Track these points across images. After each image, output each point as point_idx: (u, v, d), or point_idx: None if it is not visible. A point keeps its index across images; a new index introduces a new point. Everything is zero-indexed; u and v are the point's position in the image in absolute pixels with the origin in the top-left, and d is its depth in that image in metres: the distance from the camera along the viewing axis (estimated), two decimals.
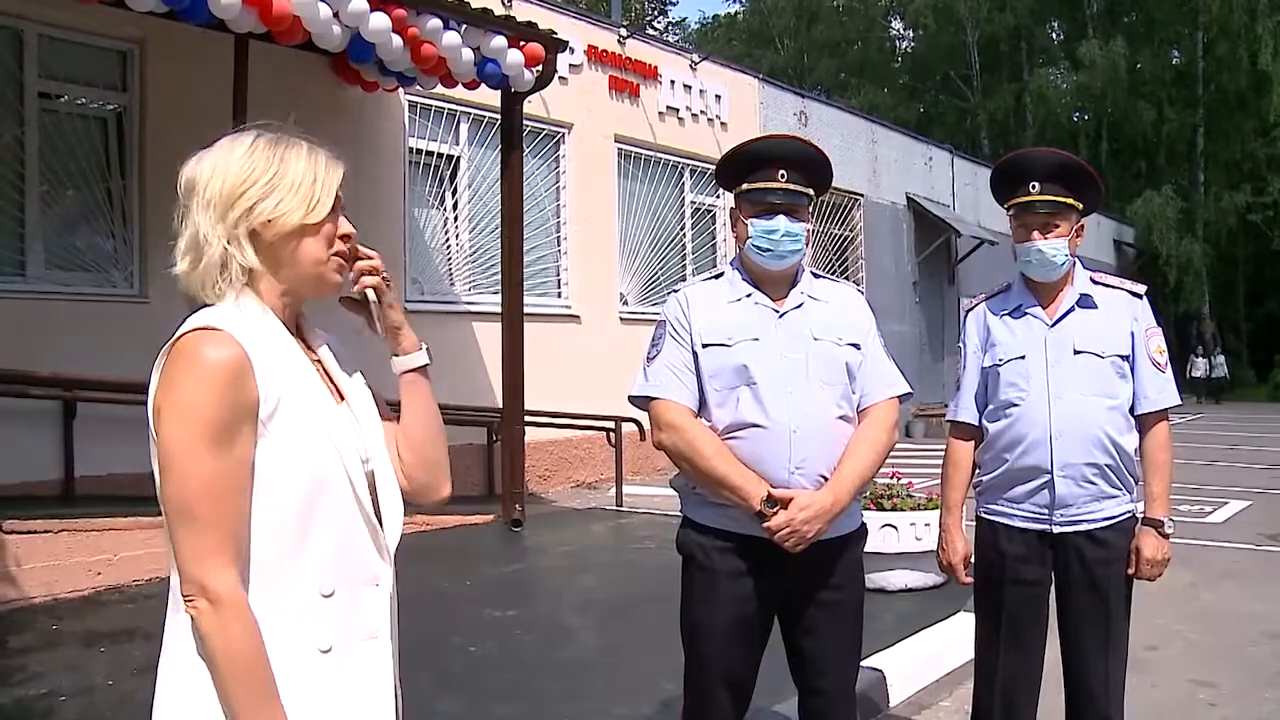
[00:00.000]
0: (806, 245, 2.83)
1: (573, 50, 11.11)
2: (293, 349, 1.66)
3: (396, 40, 7.17)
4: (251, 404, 1.55)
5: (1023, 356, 3.17)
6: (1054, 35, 39.59)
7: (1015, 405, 3.15)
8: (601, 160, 12.45)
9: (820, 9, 41.23)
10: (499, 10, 7.94)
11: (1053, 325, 3.17)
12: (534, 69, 8.25)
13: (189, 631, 1.53)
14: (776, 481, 2.65)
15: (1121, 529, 3.14)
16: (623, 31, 13.05)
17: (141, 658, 4.75)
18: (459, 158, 10.79)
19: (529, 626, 5.58)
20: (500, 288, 8.88)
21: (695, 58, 14.34)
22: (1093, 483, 3.09)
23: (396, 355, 1.82)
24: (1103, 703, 3.13)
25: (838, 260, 17.23)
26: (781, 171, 2.78)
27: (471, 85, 8.33)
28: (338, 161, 1.71)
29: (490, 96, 9.10)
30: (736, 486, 2.65)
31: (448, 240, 10.72)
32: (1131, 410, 3.16)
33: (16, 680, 4.55)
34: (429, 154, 10.46)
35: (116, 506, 6.50)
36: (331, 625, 1.61)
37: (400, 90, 9.59)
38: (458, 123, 10.75)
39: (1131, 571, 3.16)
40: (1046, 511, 3.13)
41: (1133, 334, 3.17)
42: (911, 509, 6.23)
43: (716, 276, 2.93)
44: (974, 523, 3.30)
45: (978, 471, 3.32)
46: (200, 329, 1.56)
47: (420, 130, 10.37)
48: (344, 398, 1.75)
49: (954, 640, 5.14)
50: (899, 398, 2.87)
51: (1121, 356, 3.14)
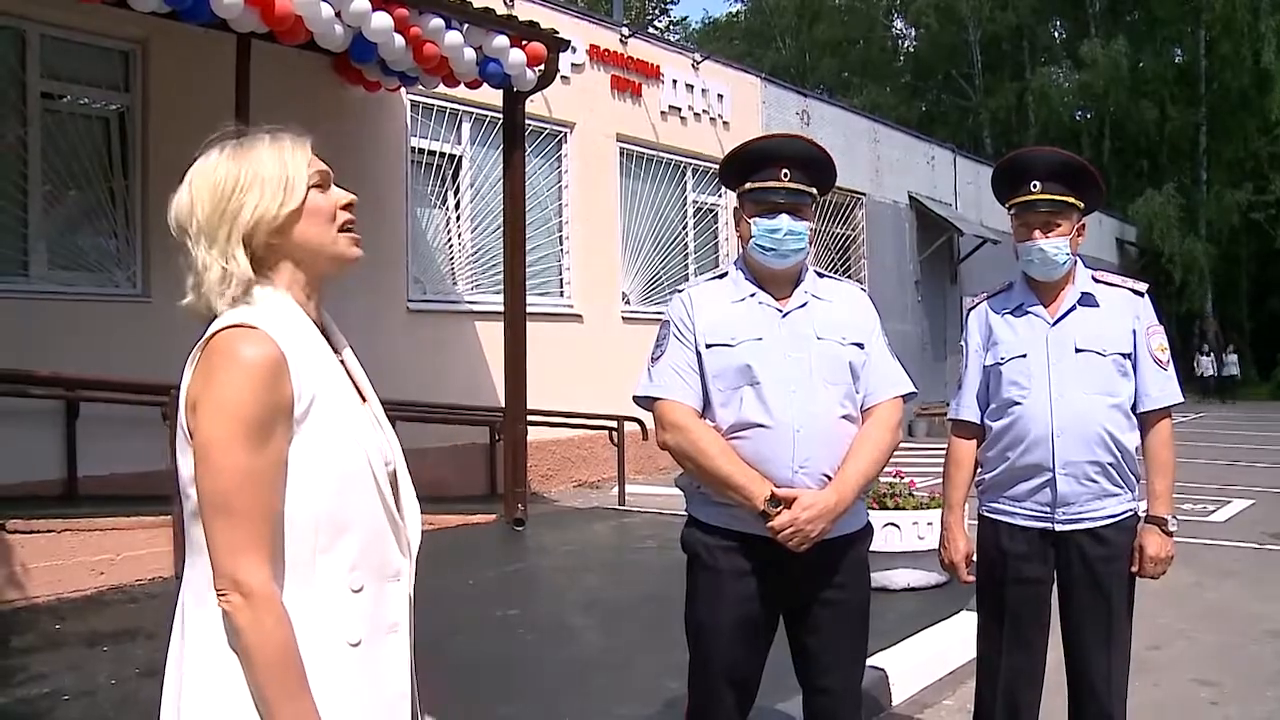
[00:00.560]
0: (810, 244, 2.83)
1: (575, 50, 11.12)
2: (323, 349, 1.68)
3: (399, 40, 7.18)
4: (288, 402, 1.56)
5: (1024, 355, 3.17)
6: (1056, 34, 39.61)
7: (1017, 404, 3.15)
8: (604, 160, 12.45)
9: (822, 8, 41.27)
10: (501, 10, 7.95)
11: (1054, 324, 3.17)
12: (536, 68, 8.25)
13: (216, 625, 1.53)
14: (780, 481, 2.65)
15: (1123, 527, 3.14)
16: (625, 31, 13.05)
17: (144, 657, 4.76)
18: (461, 157, 10.79)
19: (532, 626, 5.59)
20: (502, 287, 8.88)
21: (697, 57, 14.33)
22: (1094, 481, 3.09)
23: None
24: (1105, 701, 3.13)
25: (840, 259, 17.23)
26: (784, 171, 2.78)
27: (474, 85, 8.34)
28: (302, 139, 1.71)
29: (492, 96, 9.11)
30: (740, 486, 2.65)
31: (450, 240, 10.73)
32: (1133, 408, 3.16)
33: (19, 680, 4.56)
34: (431, 153, 10.47)
35: (119, 506, 6.52)
36: (360, 619, 1.63)
37: (402, 90, 9.60)
38: (460, 122, 10.75)
39: (1135, 569, 3.16)
40: (1048, 510, 3.12)
41: (1134, 332, 3.17)
42: (914, 508, 6.23)
43: (720, 276, 2.93)
44: (976, 521, 3.30)
45: (979, 470, 3.31)
46: (236, 326, 1.57)
47: (422, 130, 10.37)
48: (365, 399, 1.77)
49: (956, 639, 5.14)
50: (903, 397, 2.86)
51: (1123, 355, 3.14)
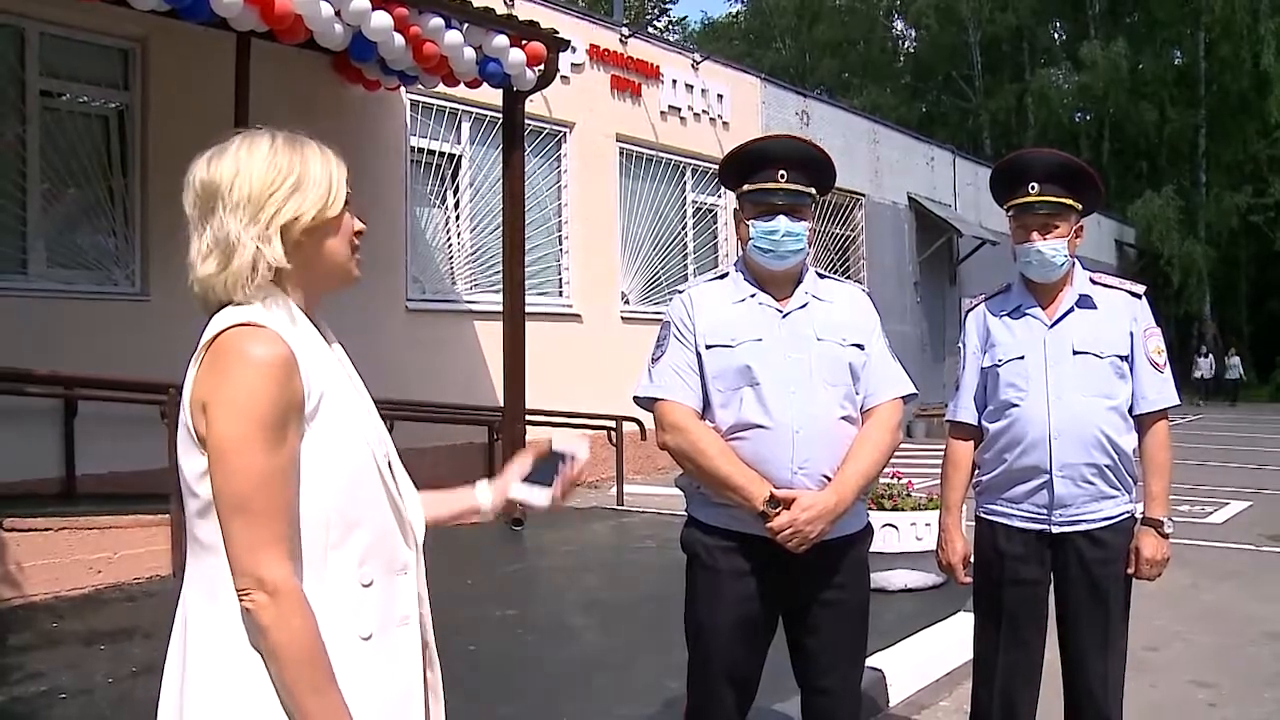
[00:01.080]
0: (809, 245, 2.83)
1: (574, 49, 11.12)
2: (323, 346, 1.69)
3: (398, 39, 7.18)
4: (299, 400, 1.57)
5: (1022, 357, 3.17)
6: (1056, 35, 39.65)
7: (1015, 405, 3.15)
8: (603, 159, 12.45)
9: (822, 9, 41.30)
10: (501, 9, 7.95)
11: (1052, 326, 3.17)
12: (536, 68, 8.25)
13: (228, 623, 1.53)
14: (780, 482, 2.65)
15: (1120, 529, 3.14)
16: (624, 31, 13.05)
17: (142, 656, 4.75)
18: (461, 157, 10.79)
19: (530, 626, 5.59)
20: (501, 287, 8.88)
21: (697, 57, 14.33)
22: (1091, 483, 3.09)
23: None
24: (1102, 702, 3.13)
25: (839, 260, 17.23)
26: (782, 172, 2.78)
27: (473, 84, 8.34)
28: (340, 159, 1.74)
29: (492, 95, 9.10)
30: (739, 487, 2.65)
31: (449, 239, 10.73)
32: (1131, 410, 3.16)
33: (17, 678, 4.56)
34: (431, 153, 10.47)
35: (117, 505, 6.51)
36: (372, 613, 1.64)
37: (402, 89, 9.59)
38: (459, 122, 10.75)
39: (1131, 571, 3.16)
40: (1045, 512, 3.12)
41: (1132, 334, 3.17)
42: (912, 509, 6.24)
43: (721, 277, 2.93)
44: (973, 523, 3.30)
45: (977, 472, 3.31)
46: (243, 324, 1.56)
47: (422, 129, 10.37)
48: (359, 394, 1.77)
49: (954, 640, 5.14)
50: (904, 398, 2.86)
51: (1120, 357, 3.14)
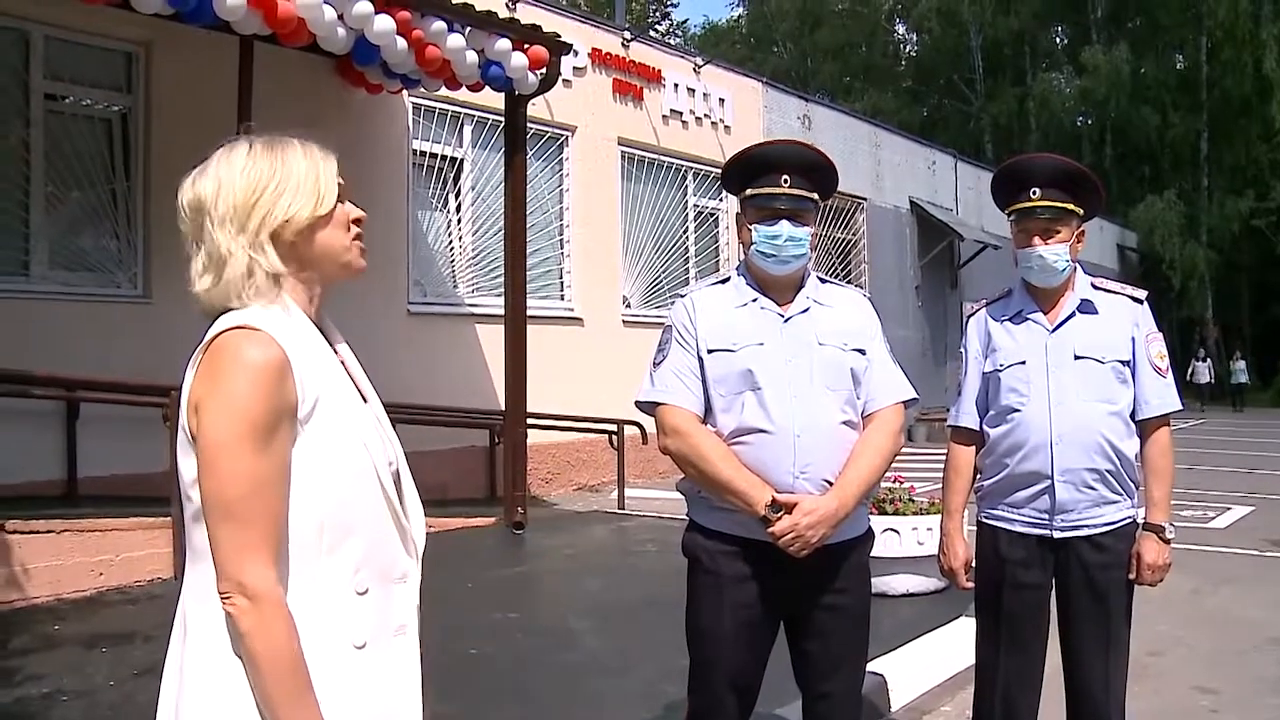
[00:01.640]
0: (811, 250, 2.84)
1: (576, 53, 11.15)
2: (324, 350, 1.68)
3: (401, 42, 7.19)
4: (292, 405, 1.56)
5: (1023, 362, 3.17)
6: (1058, 40, 39.64)
7: (1016, 410, 3.15)
8: (605, 163, 12.46)
9: (823, 13, 41.30)
10: (503, 13, 7.96)
11: (1053, 330, 3.17)
12: (538, 72, 8.26)
13: (219, 627, 1.53)
14: (781, 486, 2.65)
15: (1122, 534, 3.14)
16: (626, 34, 13.06)
17: (143, 658, 4.75)
18: (463, 160, 10.80)
19: (531, 629, 5.58)
20: (503, 290, 8.88)
21: (699, 61, 14.32)
22: (1093, 488, 3.09)
23: None
24: (1103, 707, 3.13)
25: (841, 264, 17.23)
26: (785, 177, 2.78)
27: (475, 88, 8.35)
28: (328, 152, 1.74)
29: (494, 99, 9.11)
30: (741, 491, 2.65)
31: (451, 242, 10.73)
32: (1132, 415, 3.16)
33: (19, 680, 4.56)
34: (433, 156, 10.47)
35: (119, 507, 6.51)
36: (366, 622, 1.63)
37: (404, 92, 9.61)
38: (461, 125, 10.76)
39: (1132, 577, 3.16)
40: (1047, 517, 3.12)
41: (1133, 339, 3.17)
42: (914, 513, 6.23)
43: (723, 281, 2.93)
44: (975, 528, 3.30)
45: (979, 476, 3.31)
46: (239, 328, 1.57)
47: (424, 132, 10.38)
48: (366, 399, 1.76)
49: (956, 645, 5.14)
50: (904, 403, 2.86)
51: (1122, 362, 3.14)
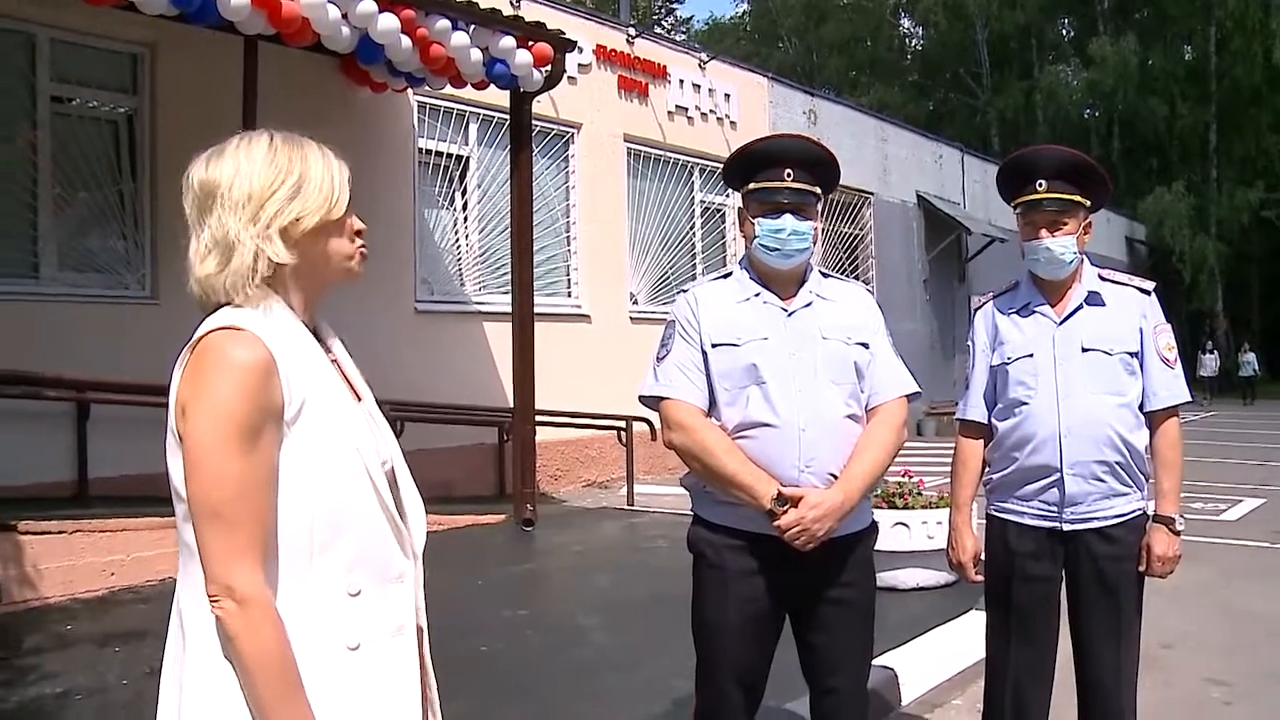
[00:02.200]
0: (814, 244, 2.84)
1: (581, 50, 11.13)
2: (314, 350, 1.66)
3: (405, 41, 7.19)
4: (277, 406, 1.55)
5: (1031, 355, 3.16)
6: (1065, 32, 39.53)
7: (1024, 404, 3.14)
8: (611, 160, 12.45)
9: (829, 7, 41.24)
10: (507, 10, 7.96)
11: (1061, 323, 3.17)
12: (543, 69, 8.25)
13: (214, 630, 1.52)
14: (786, 480, 2.66)
15: (1132, 526, 3.13)
16: (631, 31, 13.04)
17: (155, 657, 4.72)
18: (468, 158, 10.80)
19: (540, 626, 5.59)
20: (510, 288, 8.89)
21: (704, 57, 14.30)
22: (1102, 480, 3.08)
23: None
24: (1115, 700, 3.12)
25: (848, 258, 17.21)
26: (788, 171, 2.79)
27: (480, 85, 8.35)
28: (342, 160, 1.74)
29: (499, 97, 9.11)
30: (747, 485, 2.65)
31: (457, 241, 10.73)
32: (1141, 407, 3.15)
33: (32, 679, 4.58)
34: (438, 154, 10.47)
35: (129, 507, 6.53)
36: (359, 623, 1.62)
37: (409, 91, 9.60)
38: (467, 123, 10.76)
39: (1142, 569, 3.15)
40: (1056, 509, 3.12)
41: (1141, 331, 3.16)
42: (923, 507, 6.22)
43: (725, 276, 2.94)
44: (984, 520, 3.30)
45: (987, 469, 3.31)
46: (225, 328, 1.56)
47: (429, 131, 10.38)
48: (360, 397, 1.75)
49: (966, 639, 5.13)
50: (907, 397, 2.87)
51: (1130, 353, 3.13)
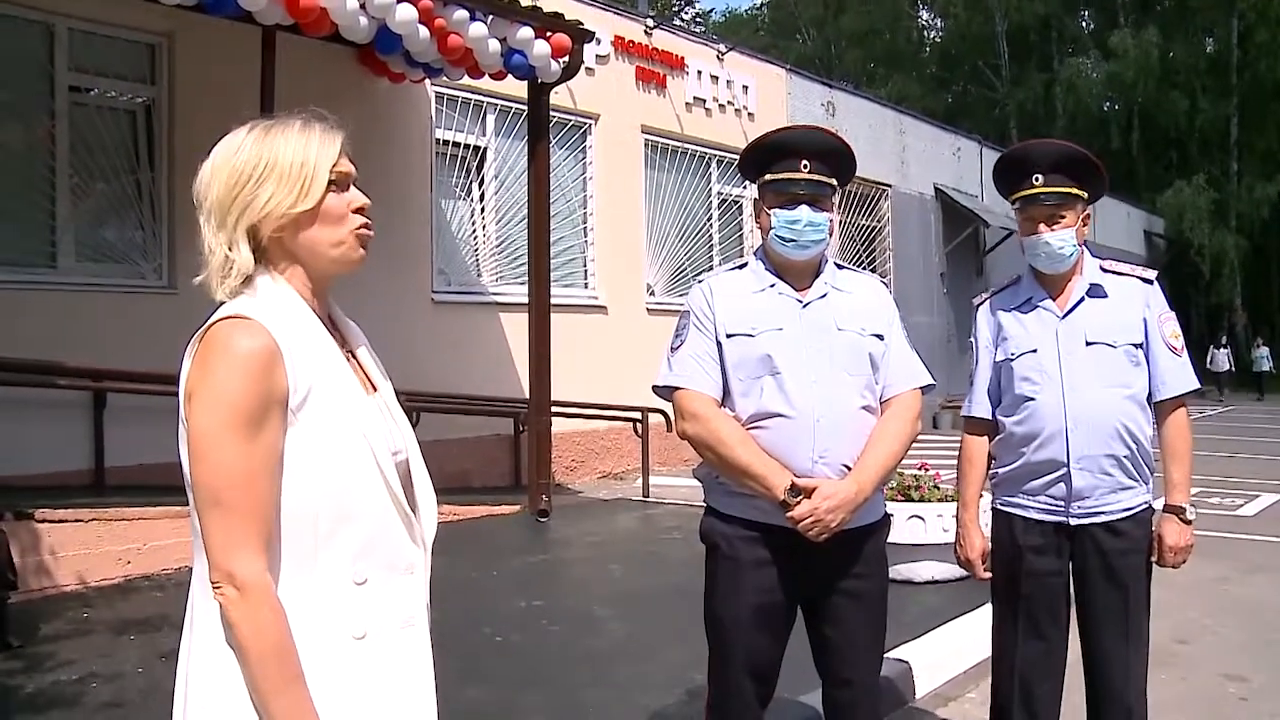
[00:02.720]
0: (830, 235, 2.83)
1: (599, 41, 11.13)
2: (324, 339, 1.66)
3: (423, 31, 7.19)
4: (282, 394, 1.55)
5: (1035, 350, 3.15)
6: (1085, 24, 39.27)
7: (1030, 399, 3.13)
8: (628, 151, 12.45)
9: None
10: (525, 1, 7.94)
11: (1064, 317, 3.15)
12: (561, 60, 8.24)
13: (217, 617, 1.53)
14: (800, 471, 2.65)
15: (1139, 520, 3.12)
16: (649, 22, 13.03)
17: (171, 645, 4.76)
18: (486, 149, 10.81)
19: (555, 616, 5.60)
20: (527, 279, 8.90)
21: (722, 48, 14.27)
22: (1110, 474, 3.07)
23: None
24: (1124, 693, 3.10)
25: (865, 251, 17.16)
26: (804, 162, 2.78)
27: (498, 76, 8.35)
28: (334, 132, 1.67)
29: (517, 87, 9.11)
30: (760, 476, 2.65)
31: (475, 231, 10.75)
32: (1149, 397, 3.14)
33: (49, 666, 4.62)
34: (456, 145, 10.49)
35: (146, 496, 6.58)
36: (365, 613, 1.61)
37: (427, 81, 9.61)
38: (484, 114, 10.77)
39: (1154, 559, 3.14)
40: (1063, 504, 3.11)
41: (1145, 320, 3.14)
42: (938, 500, 6.22)
43: (740, 267, 2.93)
44: (990, 514, 3.29)
45: (994, 464, 3.29)
46: (231, 317, 1.57)
47: (447, 121, 10.39)
48: (375, 388, 1.75)
49: (981, 632, 5.06)
50: (921, 389, 2.86)
51: (1135, 345, 3.11)
